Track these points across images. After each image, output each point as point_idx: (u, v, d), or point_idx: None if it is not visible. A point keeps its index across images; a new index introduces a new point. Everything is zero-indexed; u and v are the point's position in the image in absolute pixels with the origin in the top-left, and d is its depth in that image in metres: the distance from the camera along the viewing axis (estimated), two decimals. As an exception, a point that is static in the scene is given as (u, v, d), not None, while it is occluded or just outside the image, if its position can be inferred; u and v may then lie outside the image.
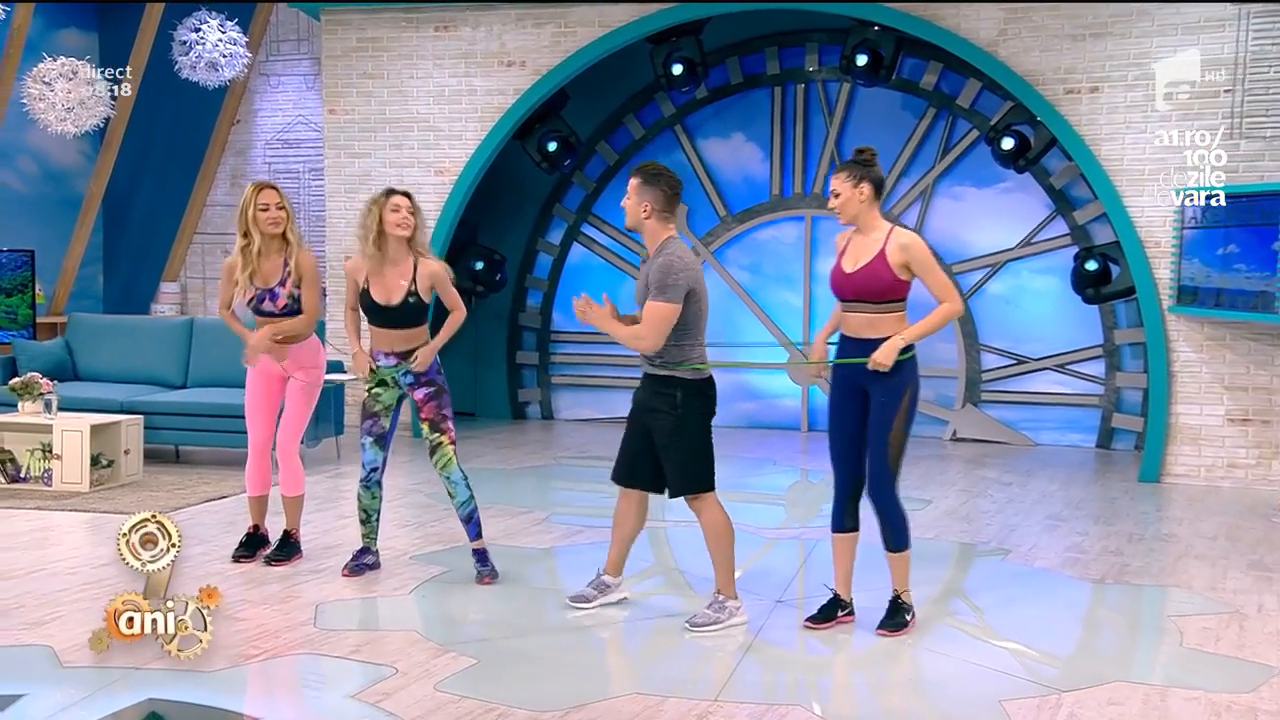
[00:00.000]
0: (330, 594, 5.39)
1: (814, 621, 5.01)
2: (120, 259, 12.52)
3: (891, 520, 4.86)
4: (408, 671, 4.36)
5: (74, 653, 4.52)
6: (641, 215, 4.92)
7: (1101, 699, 4.22)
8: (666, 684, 4.34)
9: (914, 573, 5.06)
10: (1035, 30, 8.75)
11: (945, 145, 10.18)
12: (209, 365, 9.00)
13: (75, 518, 6.91)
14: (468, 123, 10.01)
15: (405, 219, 5.48)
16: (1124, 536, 6.81)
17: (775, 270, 10.76)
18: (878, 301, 4.77)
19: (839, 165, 4.91)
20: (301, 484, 5.87)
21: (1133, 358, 9.74)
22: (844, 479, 4.95)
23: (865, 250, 4.80)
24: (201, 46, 10.52)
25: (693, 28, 9.66)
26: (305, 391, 5.76)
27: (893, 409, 4.78)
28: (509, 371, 11.26)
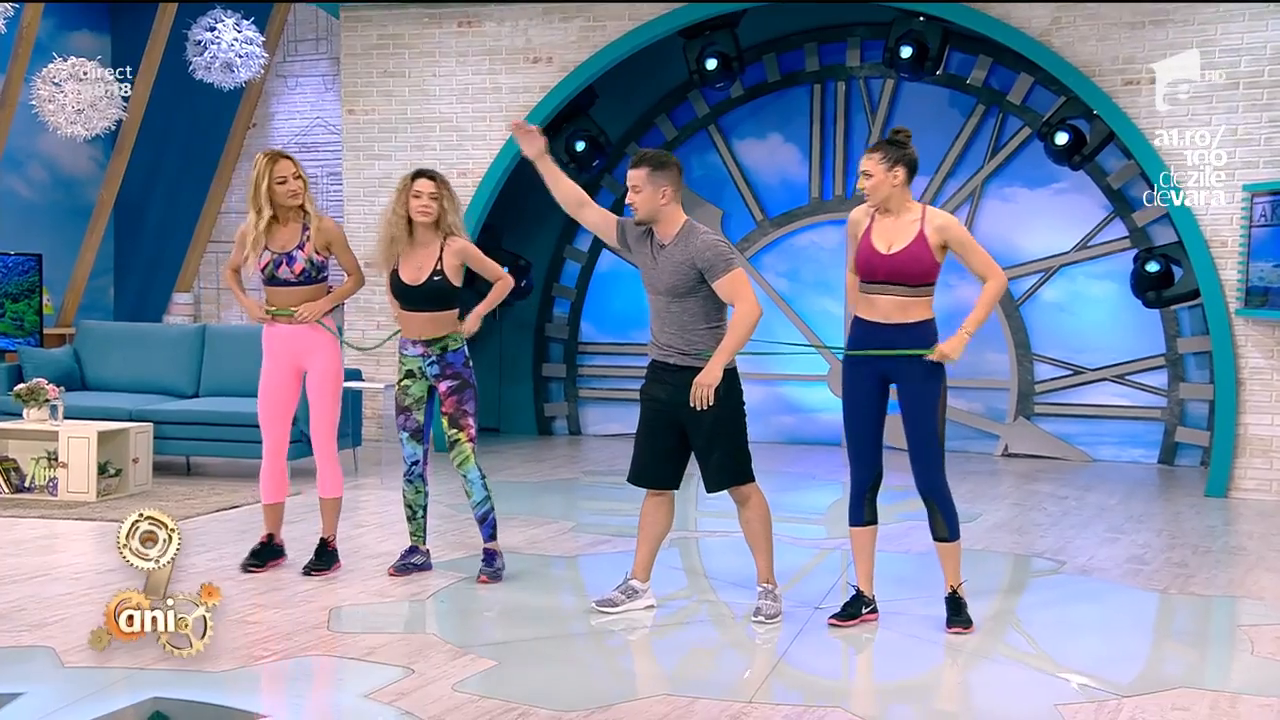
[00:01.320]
0: (345, 598, 5.39)
1: (838, 619, 5.02)
2: (132, 269, 12.65)
3: (945, 508, 4.89)
4: (424, 673, 4.35)
5: (76, 653, 4.53)
6: (660, 202, 4.95)
7: (1165, 704, 4.15)
8: (697, 685, 4.31)
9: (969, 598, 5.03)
10: (1091, 18, 8.71)
11: (995, 144, 10.14)
12: (222, 374, 9.06)
13: (81, 526, 6.95)
14: (492, 122, 10.07)
15: (426, 206, 5.54)
16: (1189, 549, 6.71)
17: (814, 277, 10.73)
18: (914, 285, 4.80)
19: (873, 145, 4.92)
20: (341, 485, 5.87)
21: (1197, 368, 9.63)
22: (864, 471, 4.97)
23: (901, 232, 4.82)
24: (217, 46, 10.65)
25: (728, 21, 9.69)
26: (326, 383, 5.75)
27: (933, 395, 4.82)
28: (535, 385, 11.27)
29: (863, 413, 4.93)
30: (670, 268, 4.95)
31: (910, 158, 4.84)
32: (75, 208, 12.12)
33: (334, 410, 5.80)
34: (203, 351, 9.25)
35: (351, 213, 10.46)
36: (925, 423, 4.82)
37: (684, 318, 4.96)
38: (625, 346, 11.15)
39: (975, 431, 10.24)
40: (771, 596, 5.12)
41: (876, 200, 4.85)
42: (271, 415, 5.81)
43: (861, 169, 4.89)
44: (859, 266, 4.90)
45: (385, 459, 9.29)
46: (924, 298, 4.82)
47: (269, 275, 5.70)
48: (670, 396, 5.03)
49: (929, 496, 4.90)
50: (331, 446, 5.82)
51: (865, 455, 4.96)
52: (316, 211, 5.75)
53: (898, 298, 4.80)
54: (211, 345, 9.24)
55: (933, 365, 4.81)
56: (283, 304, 5.72)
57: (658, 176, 4.93)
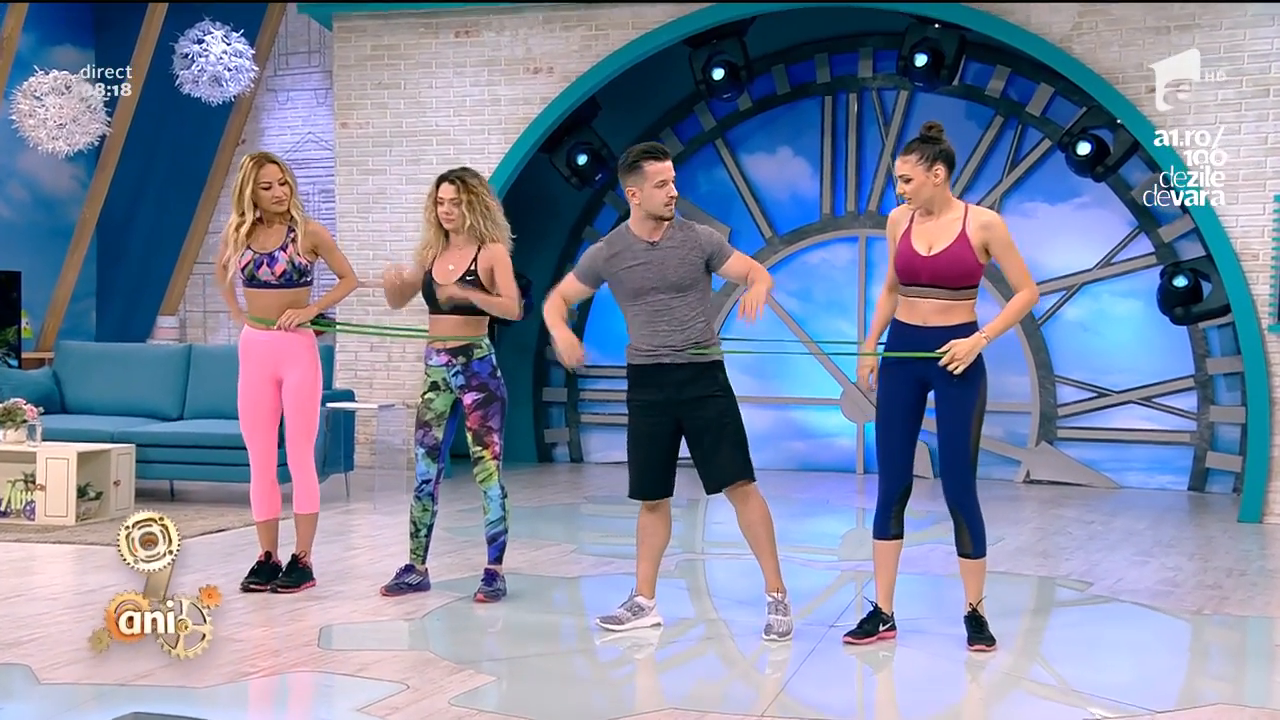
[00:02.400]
0: (336, 617, 5.36)
1: (854, 637, 4.99)
2: (115, 291, 12.66)
3: (972, 523, 4.87)
4: (420, 688, 4.31)
5: (53, 670, 4.51)
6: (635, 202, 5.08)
7: None
8: (706, 700, 4.27)
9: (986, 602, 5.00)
10: (1114, 24, 8.75)
11: (1014, 157, 10.16)
12: (209, 396, 9.03)
13: (59, 549, 6.92)
14: (490, 135, 10.11)
15: (448, 213, 5.60)
16: (1222, 572, 6.67)
17: (826, 296, 10.73)
18: (957, 287, 4.78)
19: (906, 146, 4.92)
20: (316, 500, 5.85)
21: (1228, 389, 9.60)
22: (893, 481, 4.95)
23: (942, 232, 4.80)
24: (205, 59, 10.69)
25: (735, 30, 9.74)
26: (303, 394, 5.74)
27: (970, 401, 4.79)
28: (535, 410, 11.25)
29: (897, 419, 4.91)
30: (675, 261, 5.00)
31: (947, 152, 4.84)
32: (56, 228, 12.15)
33: (311, 422, 5.79)
34: (188, 373, 9.24)
35: (344, 229, 10.48)
36: (959, 432, 4.79)
37: (685, 313, 5.00)
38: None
39: (995, 457, 10.20)
40: (781, 609, 5.09)
41: (919, 203, 4.83)
42: (254, 427, 5.80)
43: (898, 173, 4.87)
44: (898, 269, 4.88)
45: (378, 485, 9.26)
46: (966, 300, 4.80)
47: (249, 276, 5.69)
48: (667, 398, 5.04)
49: (956, 509, 4.88)
50: (308, 459, 5.80)
51: (896, 464, 4.93)
52: (304, 216, 5.76)
53: (941, 300, 4.78)
54: (197, 366, 9.23)
55: (974, 373, 4.78)
56: (262, 309, 5.72)
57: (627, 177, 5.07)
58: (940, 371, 4.78)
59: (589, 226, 11.15)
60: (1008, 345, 10.21)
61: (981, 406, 4.83)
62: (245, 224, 5.64)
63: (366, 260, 10.35)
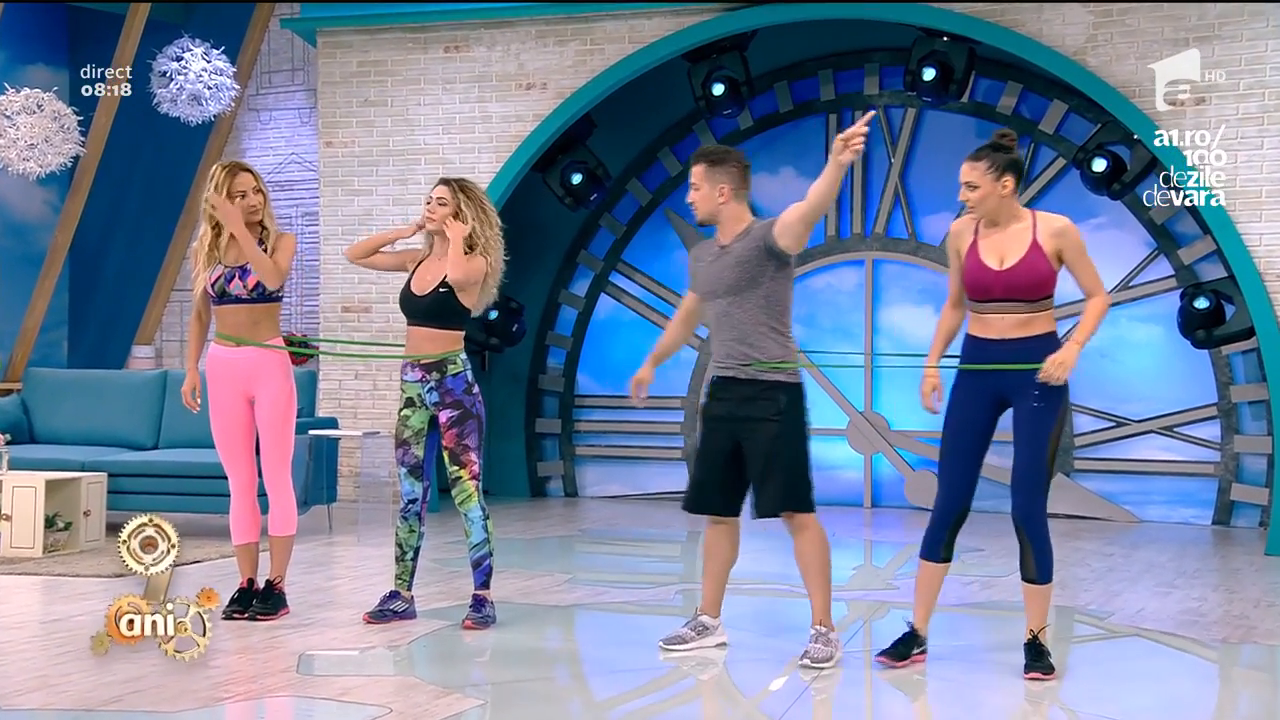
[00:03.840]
0: (317, 644, 5.32)
1: (889, 657, 4.95)
2: (87, 321, 12.66)
3: (1039, 547, 4.82)
4: (404, 712, 4.28)
5: (15, 697, 4.46)
6: (719, 200, 5.04)
7: (1230, 742, 4.07)
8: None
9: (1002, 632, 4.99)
10: (1130, 35, 8.81)
11: (1027, 176, 10.19)
12: (183, 425, 8.96)
13: (26, 580, 6.88)
14: (481, 153, 10.14)
15: (432, 212, 5.64)
16: (1250, 603, 6.64)
17: (832, 322, 10.73)
18: (1033, 299, 4.76)
19: (975, 152, 4.92)
20: (293, 523, 5.83)
21: (1254, 418, 9.58)
22: (952, 501, 4.90)
23: (1013, 243, 4.79)
24: (184, 77, 10.74)
25: (736, 43, 9.80)
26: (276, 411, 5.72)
27: (1050, 420, 4.77)
28: (527, 442, 11.22)
29: (965, 439, 4.87)
30: (732, 262, 5.01)
31: (1018, 163, 4.86)
32: (26, 255, 12.16)
33: (286, 440, 5.78)
34: (163, 400, 9.21)
35: (328, 253, 10.49)
36: (1035, 447, 4.75)
37: (745, 322, 4.98)
38: (626, 400, 11.00)
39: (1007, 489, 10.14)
40: (825, 640, 5.02)
41: (983, 213, 4.83)
42: (230, 448, 5.80)
43: (964, 180, 4.86)
44: (969, 286, 4.85)
45: (362, 518, 9.22)
46: (1044, 311, 4.80)
47: (219, 291, 5.68)
48: (729, 412, 5.05)
49: (1023, 528, 4.83)
50: (284, 479, 5.78)
51: (957, 483, 4.89)
52: (276, 229, 5.77)
53: (1018, 315, 4.76)
54: (173, 393, 9.17)
55: (1053, 389, 4.74)
56: (233, 325, 5.70)
57: (715, 173, 5.04)
58: (1021, 387, 4.74)
59: (584, 250, 11.17)
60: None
61: (1060, 427, 4.82)
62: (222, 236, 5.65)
63: (351, 285, 10.38)
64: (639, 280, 11.07)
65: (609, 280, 11.14)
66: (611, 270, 11.13)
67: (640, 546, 8.57)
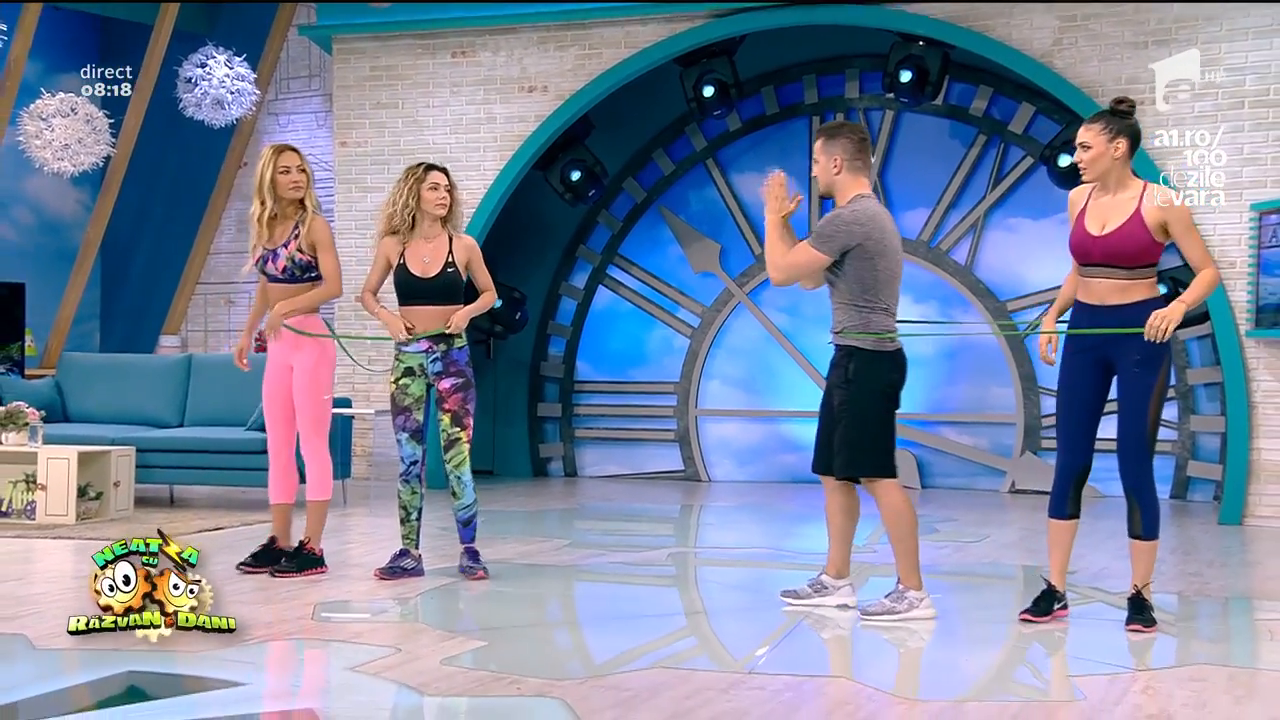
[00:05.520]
0: (330, 595, 5.33)
1: (1030, 614, 4.87)
2: (118, 313, 12.67)
3: (1145, 505, 4.78)
4: (412, 651, 4.30)
5: (49, 639, 4.48)
6: (833, 172, 4.97)
7: (1183, 677, 4.11)
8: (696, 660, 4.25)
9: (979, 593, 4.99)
10: (1093, 39, 8.83)
11: (997, 174, 10.21)
12: (208, 404, 9.03)
13: (60, 543, 6.89)
14: (486, 152, 10.16)
15: (444, 198, 5.67)
16: (1204, 563, 6.66)
17: (815, 312, 10.70)
18: (1131, 266, 4.69)
19: (1092, 115, 4.86)
20: (328, 488, 5.84)
21: (1208, 399, 9.61)
22: (1072, 460, 4.87)
23: (1117, 210, 4.72)
24: (208, 83, 10.76)
25: (725, 48, 9.82)
26: (304, 380, 5.75)
27: (1151, 379, 4.69)
28: (530, 425, 11.23)
29: (1078, 399, 4.83)
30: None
31: (1135, 129, 4.76)
32: (61, 250, 12.17)
33: (317, 408, 5.79)
34: (188, 382, 9.23)
35: (343, 247, 10.42)
36: (1137, 414, 4.70)
37: (835, 296, 4.94)
38: (623, 385, 11.14)
39: (981, 467, 10.20)
40: (896, 597, 4.89)
41: (1095, 174, 4.74)
42: (271, 414, 5.87)
43: (1079, 140, 4.79)
44: (1073, 249, 4.80)
45: (374, 494, 9.23)
46: (1145, 279, 4.71)
47: (260, 268, 5.80)
48: (829, 379, 5.04)
49: (1131, 491, 4.79)
50: (317, 445, 5.80)
51: (1076, 442, 4.84)
52: (314, 210, 5.80)
53: (1116, 280, 4.68)
54: (198, 375, 9.22)
55: (1152, 353, 4.65)
56: (272, 301, 5.82)
57: (830, 146, 4.97)
58: (1124, 351, 4.68)
59: (583, 245, 11.18)
60: (992, 358, 10.24)
61: (1162, 390, 4.72)
62: (264, 211, 5.70)
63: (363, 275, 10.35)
64: (635, 273, 11.09)
65: (606, 273, 11.16)
66: (609, 264, 11.15)
67: (635, 520, 8.58)
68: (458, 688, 3.85)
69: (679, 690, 3.82)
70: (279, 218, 5.73)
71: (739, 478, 10.83)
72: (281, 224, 5.74)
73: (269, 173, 5.67)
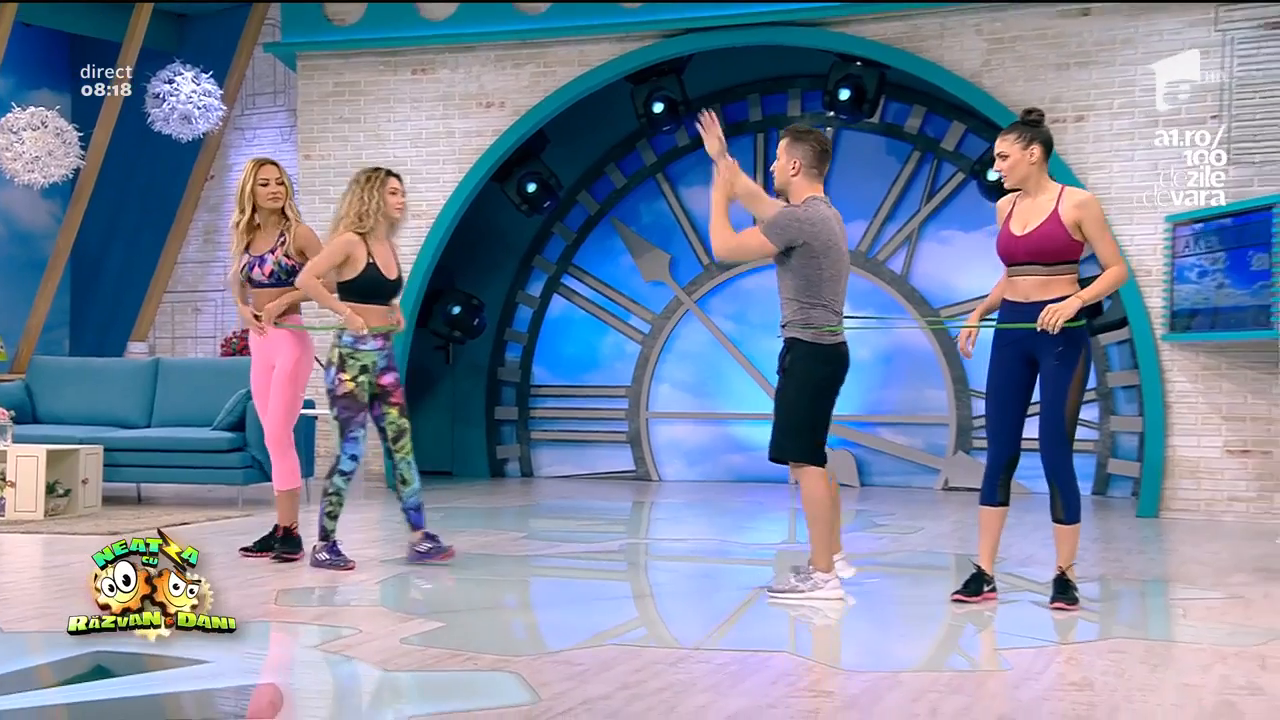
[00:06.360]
0: (293, 583, 5.29)
1: (962, 595, 4.93)
2: (87, 321, 12.52)
3: (1066, 491, 4.86)
4: (372, 631, 4.28)
5: (18, 623, 4.41)
6: (790, 173, 5.01)
7: (1103, 649, 4.17)
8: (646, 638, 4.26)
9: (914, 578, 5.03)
10: (1020, 60, 8.96)
11: (931, 189, 10.33)
12: (174, 406, 8.94)
13: (29, 538, 6.79)
14: (445, 165, 10.15)
15: (402, 202, 5.75)
16: (1123, 551, 6.77)
17: (760, 319, 10.79)
18: (1051, 263, 4.78)
19: (1008, 126, 4.95)
20: (294, 479, 5.84)
21: (1127, 401, 9.75)
22: (1001, 451, 4.94)
23: (1036, 212, 4.82)
24: (175, 98, 10.69)
25: (674, 67, 9.87)
26: (281, 378, 5.76)
27: (1068, 374, 4.78)
28: (488, 427, 11.20)
29: (1006, 393, 4.91)
30: None
31: (1045, 136, 4.85)
32: (32, 261, 12.01)
33: (288, 405, 5.82)
34: (156, 384, 9.13)
35: (307, 255, 10.43)
36: (1057, 404, 4.79)
37: (782, 291, 5.00)
38: (577, 389, 11.14)
39: (916, 466, 10.29)
40: (802, 576, 4.95)
41: (1015, 180, 4.85)
42: (261, 409, 5.99)
43: (997, 151, 4.89)
44: (999, 250, 4.90)
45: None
46: (1065, 275, 4.79)
47: (246, 276, 5.87)
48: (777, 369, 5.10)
49: (1052, 477, 4.88)
50: (283, 437, 5.83)
51: (1005, 433, 4.92)
52: (296, 218, 5.87)
53: (1038, 277, 4.77)
54: (165, 378, 9.12)
55: (1071, 348, 4.75)
56: (257, 305, 5.90)
57: (793, 147, 5.01)
58: (1044, 346, 4.77)
59: (539, 255, 11.18)
60: (927, 362, 10.34)
61: (1081, 381, 4.80)
62: (243, 219, 5.79)
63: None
64: (588, 282, 11.10)
65: (561, 282, 11.16)
66: (563, 273, 11.16)
67: (589, 515, 8.58)
68: (416, 664, 3.84)
69: (629, 665, 3.83)
70: (262, 227, 5.84)
71: (688, 477, 10.86)
72: (265, 232, 5.85)
73: (250, 184, 5.76)
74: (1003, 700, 3.56)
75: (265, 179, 5.77)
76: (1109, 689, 3.62)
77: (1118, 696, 3.54)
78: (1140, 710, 3.41)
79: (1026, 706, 3.46)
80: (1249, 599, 5.22)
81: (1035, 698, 3.55)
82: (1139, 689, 3.63)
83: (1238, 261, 7.94)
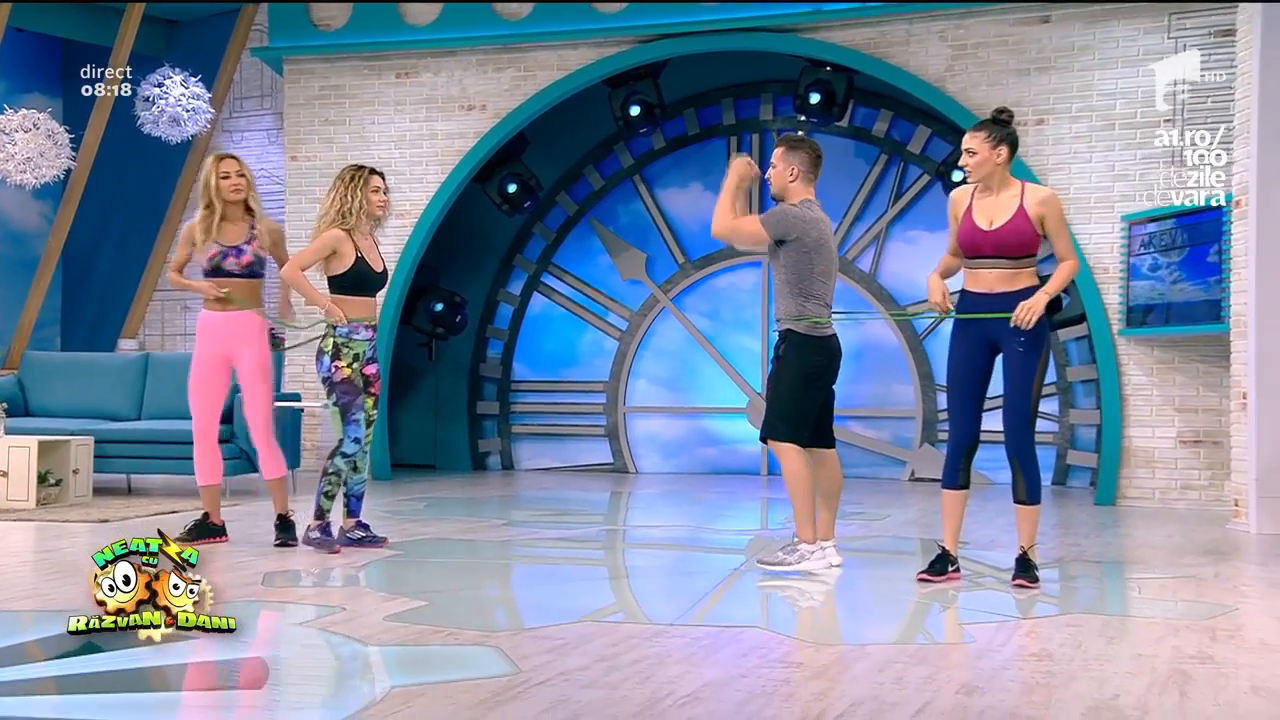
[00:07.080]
0: (278, 567, 5.27)
1: (927, 574, 4.97)
2: (78, 319, 12.43)
3: (1028, 473, 4.90)
4: (355, 610, 4.27)
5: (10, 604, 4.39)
6: (788, 179, 5.17)
7: (1061, 624, 4.20)
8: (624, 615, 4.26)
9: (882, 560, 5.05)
10: (982, 66, 9.01)
11: (897, 190, 10.37)
12: (164, 399, 8.88)
13: (21, 525, 6.74)
14: (428, 166, 10.12)
15: (384, 200, 5.75)
16: (1081, 536, 6.81)
17: (733, 316, 10.83)
18: (1017, 257, 4.82)
19: (977, 124, 4.97)
20: (282, 466, 5.85)
21: (1085, 395, 9.81)
22: (962, 435, 4.97)
23: (1002, 208, 4.84)
24: (164, 101, 10.63)
25: (650, 71, 9.88)
26: (256, 369, 5.73)
27: (1033, 362, 4.83)
28: (469, 422, 11.18)
29: (967, 378, 4.94)
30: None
31: (1013, 137, 4.89)
32: (23, 261, 11.91)
33: (268, 396, 5.82)
34: (145, 378, 9.08)
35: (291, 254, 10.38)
36: (1022, 389, 4.84)
37: (777, 286, 5.15)
38: (557, 385, 11.14)
39: (883, 458, 10.32)
40: (789, 549, 5.09)
41: (979, 176, 4.86)
42: (201, 401, 5.83)
43: (965, 147, 4.91)
44: (962, 243, 4.91)
45: (322, 483, 9.11)
46: (1028, 268, 4.86)
47: (214, 266, 5.77)
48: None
49: (1015, 458, 4.92)
50: (267, 429, 5.80)
51: (966, 418, 4.94)
52: (261, 211, 5.84)
53: (1004, 270, 4.82)
54: (155, 372, 9.07)
55: (1035, 337, 4.80)
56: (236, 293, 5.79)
57: (790, 155, 5.19)
58: (1008, 333, 4.80)
59: (519, 254, 11.17)
60: (894, 357, 10.38)
61: (1043, 368, 4.87)
62: (214, 214, 5.71)
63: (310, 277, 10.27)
64: (568, 281, 11.10)
65: (541, 280, 11.16)
66: (543, 272, 11.15)
67: (568, 504, 8.57)
68: (398, 639, 3.83)
69: (607, 639, 3.84)
70: (226, 219, 5.76)
71: (664, 469, 10.86)
72: (233, 225, 5.78)
73: (213, 179, 5.72)
74: (965, 670, 3.58)
75: (226, 172, 5.73)
76: (1067, 659, 3.65)
77: (1075, 666, 3.57)
78: (1097, 678, 3.44)
79: (988, 675, 3.48)
80: (1200, 578, 5.27)
81: (996, 667, 3.57)
82: (1096, 659, 3.66)
83: (1190, 259, 8.01)
